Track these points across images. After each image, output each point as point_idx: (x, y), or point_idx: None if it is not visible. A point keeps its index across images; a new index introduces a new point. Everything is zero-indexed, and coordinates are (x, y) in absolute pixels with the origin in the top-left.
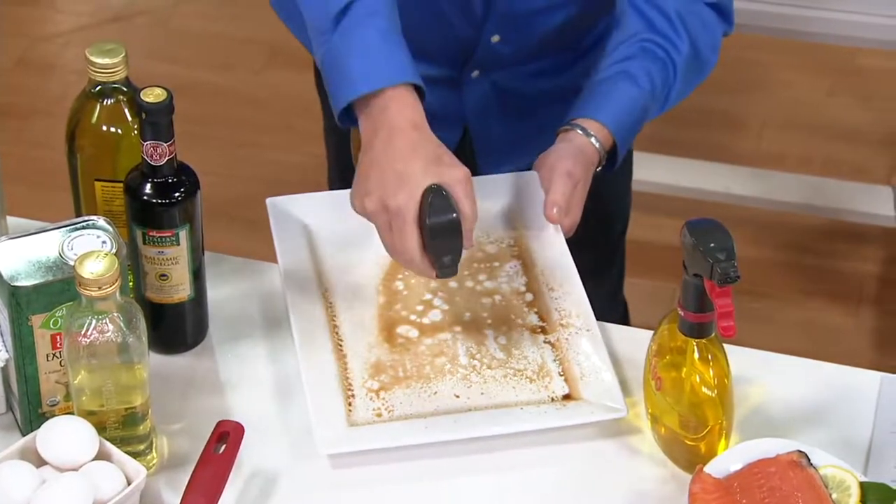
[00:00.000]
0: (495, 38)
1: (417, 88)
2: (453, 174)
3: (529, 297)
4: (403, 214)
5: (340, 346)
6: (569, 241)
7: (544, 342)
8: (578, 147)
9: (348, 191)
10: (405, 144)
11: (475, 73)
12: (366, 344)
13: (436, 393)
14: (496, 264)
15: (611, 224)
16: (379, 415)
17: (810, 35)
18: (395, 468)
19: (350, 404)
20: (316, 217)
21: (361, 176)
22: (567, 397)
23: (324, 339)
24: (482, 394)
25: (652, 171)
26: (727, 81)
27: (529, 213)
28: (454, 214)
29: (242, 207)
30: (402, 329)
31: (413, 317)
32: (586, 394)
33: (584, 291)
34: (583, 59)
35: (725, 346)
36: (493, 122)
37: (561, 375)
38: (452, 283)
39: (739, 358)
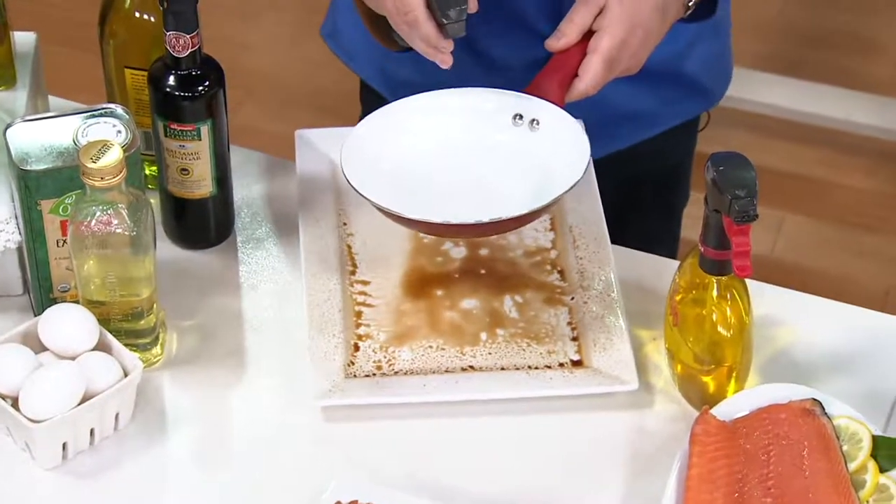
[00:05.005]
0: None
1: None
2: None
3: (554, 254)
4: None
5: (352, 293)
6: (625, 206)
7: (560, 303)
8: None
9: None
10: None
11: None
12: (380, 293)
13: (443, 349)
14: None
15: (673, 192)
16: (379, 367)
17: None
18: (387, 424)
19: (353, 354)
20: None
21: None
22: (577, 364)
23: (335, 283)
24: (489, 353)
25: (768, 93)
26: (863, 1)
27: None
28: None
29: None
30: (418, 280)
31: (431, 268)
32: (597, 362)
33: (612, 254)
34: None
35: (761, 285)
36: None
37: (574, 340)
38: None
39: (772, 298)
